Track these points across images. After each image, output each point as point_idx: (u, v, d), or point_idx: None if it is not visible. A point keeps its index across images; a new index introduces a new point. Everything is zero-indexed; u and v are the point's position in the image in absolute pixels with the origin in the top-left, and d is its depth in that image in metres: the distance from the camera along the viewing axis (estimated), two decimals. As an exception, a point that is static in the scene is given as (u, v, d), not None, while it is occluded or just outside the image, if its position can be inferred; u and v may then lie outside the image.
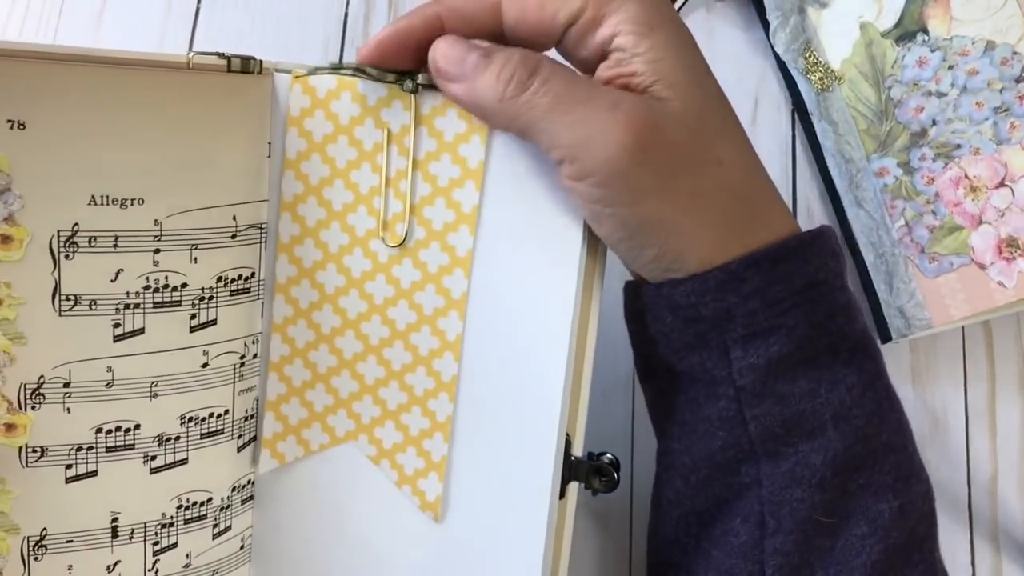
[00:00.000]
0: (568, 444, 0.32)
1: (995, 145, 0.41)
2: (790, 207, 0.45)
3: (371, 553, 0.34)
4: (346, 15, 0.48)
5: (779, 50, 0.45)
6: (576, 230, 0.31)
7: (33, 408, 0.30)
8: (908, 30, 0.44)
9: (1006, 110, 0.42)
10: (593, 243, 0.31)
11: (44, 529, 0.31)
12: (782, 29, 0.45)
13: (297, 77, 0.32)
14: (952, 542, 0.42)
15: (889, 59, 0.44)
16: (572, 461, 0.32)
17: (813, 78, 0.45)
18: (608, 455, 0.33)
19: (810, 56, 0.45)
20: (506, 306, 0.32)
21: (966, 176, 0.42)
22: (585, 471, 0.33)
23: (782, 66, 0.46)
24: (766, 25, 0.45)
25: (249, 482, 0.35)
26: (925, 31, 0.43)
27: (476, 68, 0.29)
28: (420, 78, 0.31)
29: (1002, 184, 0.41)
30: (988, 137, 0.42)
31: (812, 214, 0.45)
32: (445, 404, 0.32)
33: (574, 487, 0.33)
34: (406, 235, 0.32)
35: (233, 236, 0.32)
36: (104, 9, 0.48)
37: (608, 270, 0.32)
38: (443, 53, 0.30)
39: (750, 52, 0.47)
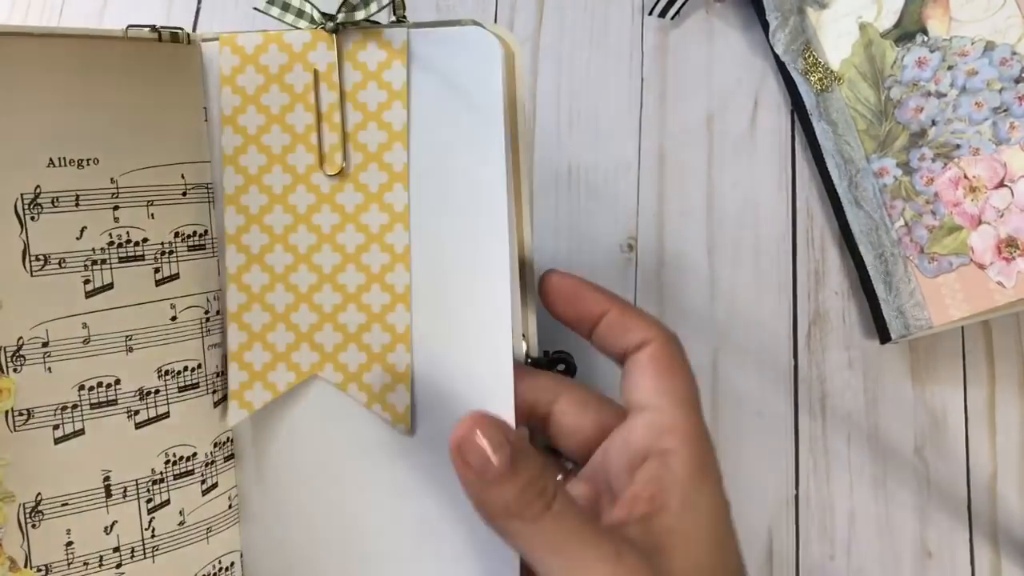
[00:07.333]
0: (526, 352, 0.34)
1: (994, 145, 0.42)
2: (789, 208, 0.46)
3: (353, 480, 0.35)
4: (346, 16, 0.48)
5: (778, 51, 0.45)
6: (497, 129, 0.32)
7: (15, 371, 0.31)
8: (907, 30, 0.44)
9: (1005, 110, 0.42)
10: (514, 141, 0.33)
11: (39, 494, 0.31)
12: (781, 30, 0.45)
13: (224, 39, 0.34)
14: (952, 542, 0.42)
15: (888, 59, 0.44)
16: (529, 361, 0.34)
17: (812, 79, 0.45)
18: (563, 351, 0.36)
19: (809, 57, 0.45)
20: (445, 210, 0.33)
21: (965, 176, 0.42)
22: (544, 365, 0.35)
23: (781, 67, 0.46)
24: (765, 26, 0.45)
25: (228, 439, 0.36)
26: (924, 31, 0.43)
27: (497, 478, 0.27)
28: (339, 17, 0.32)
29: (1001, 184, 0.41)
30: (987, 137, 0.42)
31: (812, 215, 0.45)
32: (403, 315, 0.34)
33: None
34: (344, 162, 0.34)
35: (184, 193, 0.34)
36: (104, 9, 0.48)
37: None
38: (469, 441, 0.28)
39: (750, 52, 0.47)
